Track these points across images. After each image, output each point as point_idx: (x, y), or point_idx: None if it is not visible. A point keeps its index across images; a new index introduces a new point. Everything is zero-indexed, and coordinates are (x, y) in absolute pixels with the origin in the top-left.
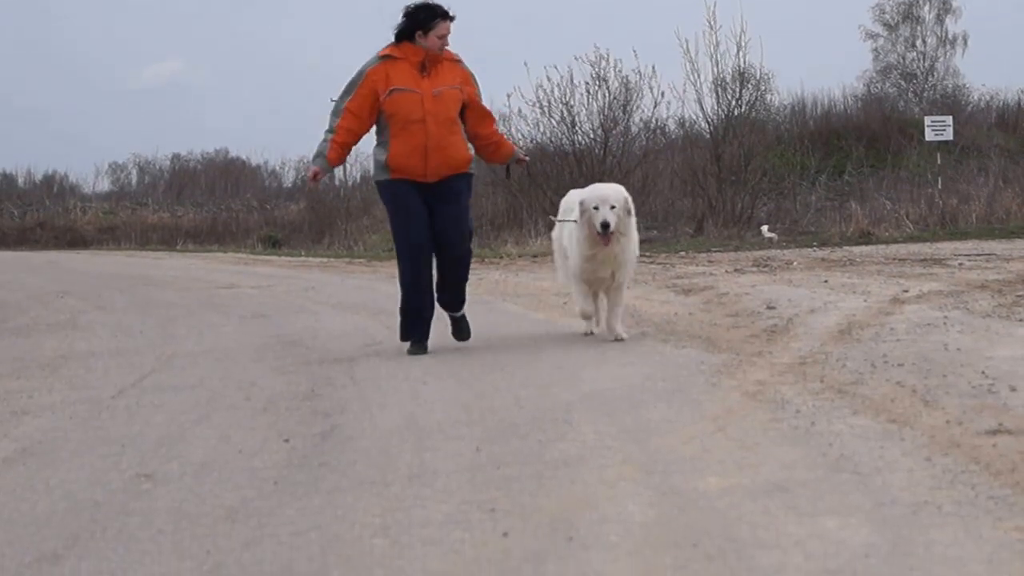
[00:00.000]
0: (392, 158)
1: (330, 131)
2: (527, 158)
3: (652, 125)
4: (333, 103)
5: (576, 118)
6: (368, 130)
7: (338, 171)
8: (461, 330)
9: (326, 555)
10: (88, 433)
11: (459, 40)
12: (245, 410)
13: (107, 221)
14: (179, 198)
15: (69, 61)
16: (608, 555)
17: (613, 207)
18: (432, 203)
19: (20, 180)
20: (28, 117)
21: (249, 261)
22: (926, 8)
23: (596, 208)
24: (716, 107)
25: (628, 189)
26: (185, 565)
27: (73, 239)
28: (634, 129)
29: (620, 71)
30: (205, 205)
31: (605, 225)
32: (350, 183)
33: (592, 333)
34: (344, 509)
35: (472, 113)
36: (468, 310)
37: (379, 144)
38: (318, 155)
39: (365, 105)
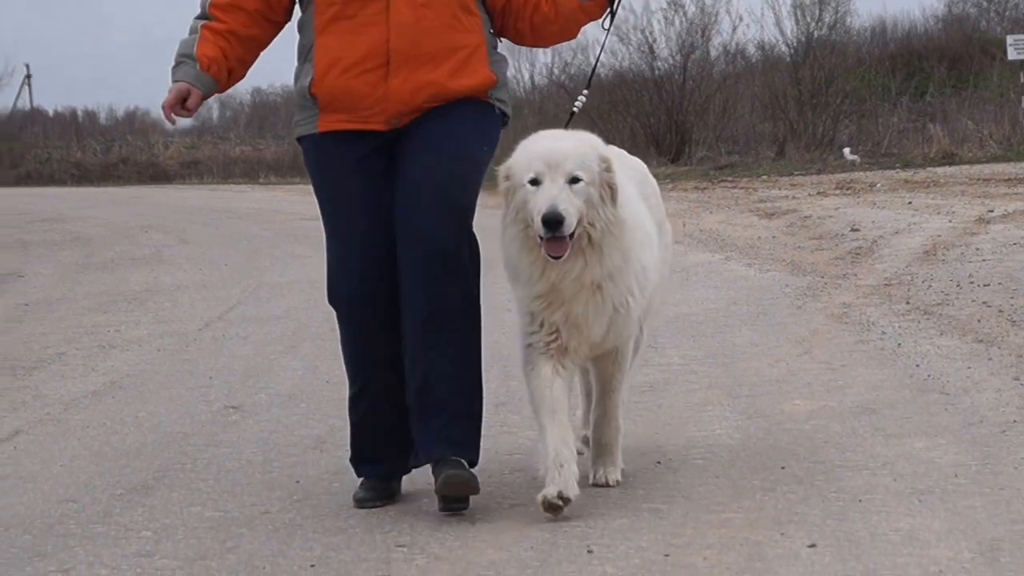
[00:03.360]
0: (319, 81)
1: (202, 14)
2: None
3: (731, 49)
4: None
5: (654, 45)
6: (281, 17)
7: None
8: (454, 482)
9: (414, 483)
10: (176, 366)
11: None
12: (331, 340)
13: (189, 156)
14: (260, 131)
15: None
16: (696, 478)
17: (576, 179)
18: (401, 164)
19: (102, 117)
20: (110, 54)
21: None
22: None
23: (534, 182)
24: (795, 30)
25: (708, 115)
26: (275, 495)
27: (156, 174)
28: (713, 54)
29: None
30: (286, 138)
31: (552, 220)
32: None
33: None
34: None
35: None
36: None
37: (299, 59)
38: (181, 60)
39: None
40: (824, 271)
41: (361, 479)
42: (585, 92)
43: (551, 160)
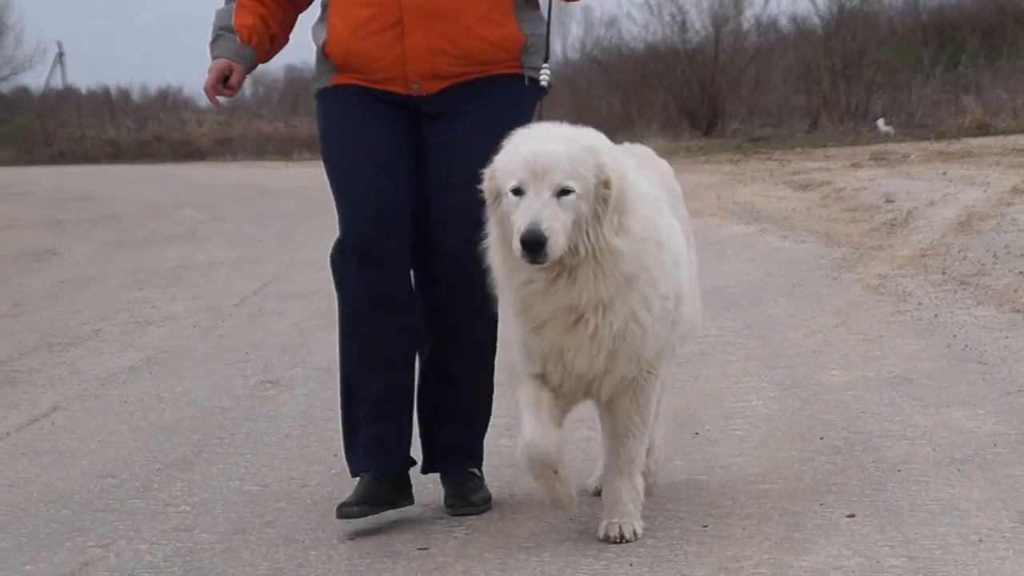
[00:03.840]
0: (331, 41)
1: None
2: None
3: (763, 21)
4: None
5: (686, 17)
6: None
7: None
8: (465, 493)
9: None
10: (212, 341)
11: None
12: None
13: (223, 133)
14: (294, 108)
15: None
16: (734, 449)
17: (565, 191)
18: (428, 137)
19: (135, 95)
20: (142, 32)
21: None
22: None
23: (517, 192)
24: (828, 1)
25: (741, 87)
26: (312, 469)
27: (189, 152)
28: (745, 26)
29: None
30: None
31: (532, 241)
32: None
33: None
34: None
35: None
36: None
37: (318, 20)
38: (219, 33)
39: None
40: (859, 242)
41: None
42: (546, 65)
43: (537, 167)
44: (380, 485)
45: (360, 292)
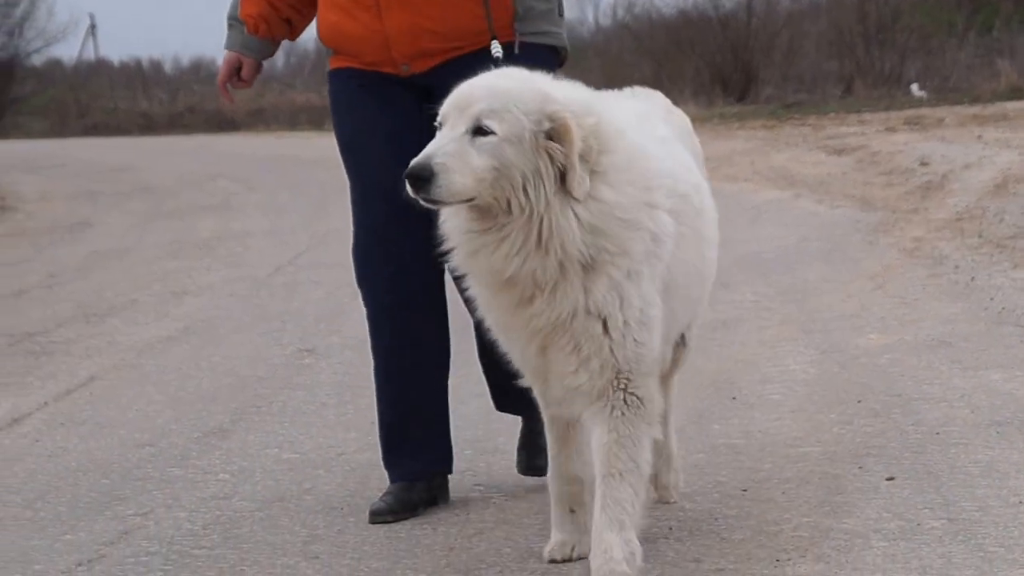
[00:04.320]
0: (321, 25)
1: None
2: None
3: None
4: None
5: None
6: None
7: None
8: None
9: (489, 422)
10: (248, 311)
11: None
12: None
13: (255, 103)
14: (326, 79)
15: None
16: (771, 413)
17: (482, 130)
18: (428, 115)
19: (167, 66)
20: (172, 4)
21: None
22: None
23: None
24: None
25: (775, 52)
26: (350, 436)
27: (222, 122)
28: None
29: None
30: None
31: (413, 175)
32: None
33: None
34: None
35: None
36: None
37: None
38: (230, 23)
39: None
40: (895, 206)
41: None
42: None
43: (459, 101)
44: (413, 490)
45: (385, 296)
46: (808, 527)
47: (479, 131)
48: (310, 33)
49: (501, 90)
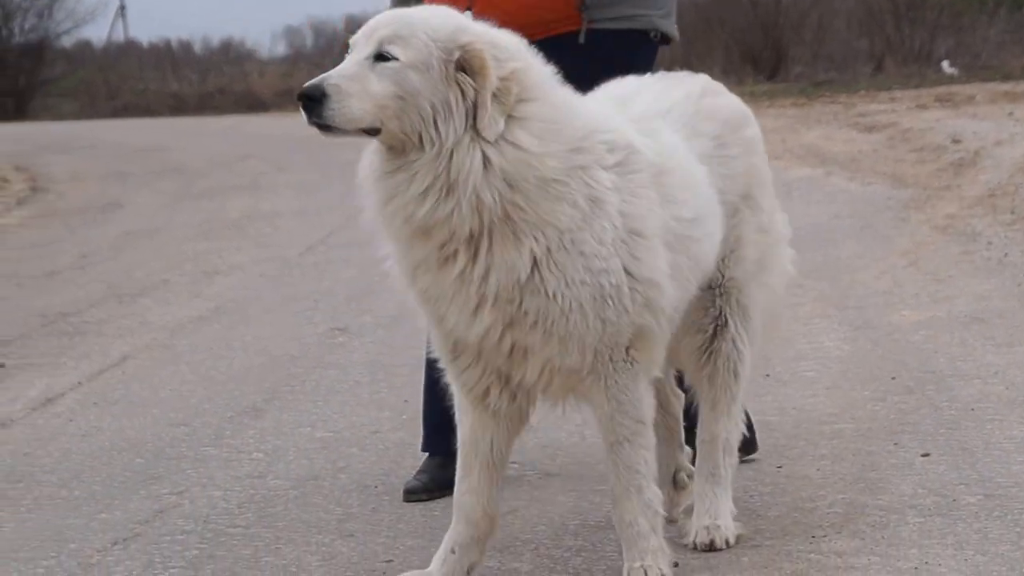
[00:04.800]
0: None
1: None
2: None
3: None
4: None
5: None
6: None
7: None
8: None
9: None
10: (279, 290)
11: None
12: None
13: (284, 84)
14: None
15: None
16: (806, 390)
17: (383, 56)
18: None
19: (196, 47)
20: None
21: None
22: None
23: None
24: None
25: (804, 31)
26: (384, 415)
27: (252, 103)
28: None
29: None
30: None
31: (306, 94)
32: None
33: None
34: None
35: None
36: None
37: None
38: None
39: None
40: (926, 183)
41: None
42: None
43: (367, 28)
44: (448, 467)
45: None
46: (843, 503)
47: (381, 57)
48: (339, 11)
49: (409, 17)
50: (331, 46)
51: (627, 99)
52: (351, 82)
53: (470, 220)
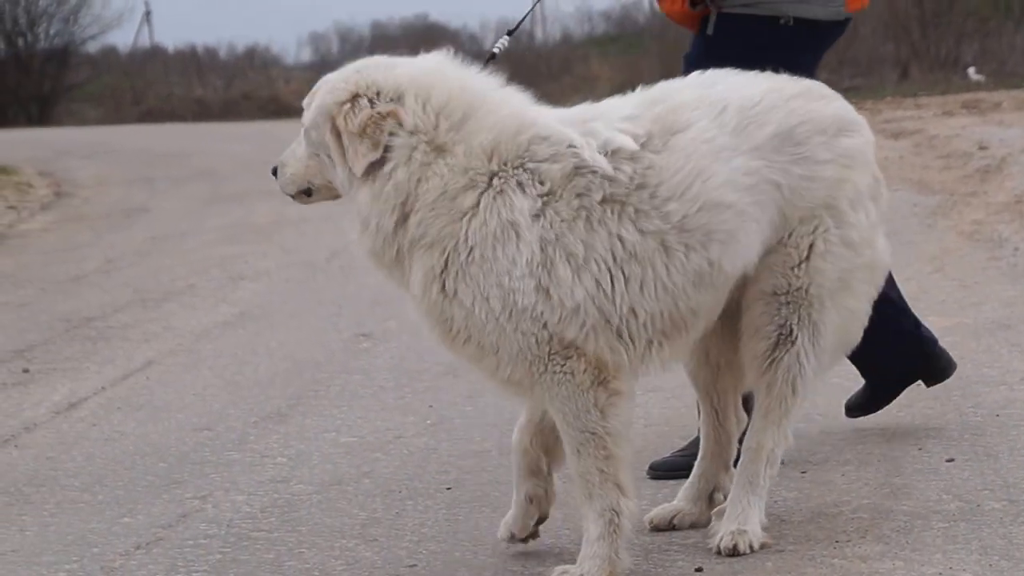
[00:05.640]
0: None
1: None
2: None
3: None
4: None
5: None
6: None
7: (537, 28)
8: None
9: None
10: (305, 295)
11: None
12: None
13: (310, 90)
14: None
15: None
16: (832, 396)
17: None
18: None
19: (222, 53)
20: None
21: None
22: None
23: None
24: None
25: None
26: (408, 420)
27: (277, 109)
28: None
29: None
30: None
31: (273, 172)
32: (550, 42)
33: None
34: None
35: None
36: None
37: None
38: None
39: None
40: (953, 189)
41: None
42: (507, 36)
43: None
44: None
45: None
46: (868, 508)
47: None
48: (365, 17)
49: (323, 81)
50: (356, 53)
51: (708, 84)
52: (289, 153)
53: (385, 246)
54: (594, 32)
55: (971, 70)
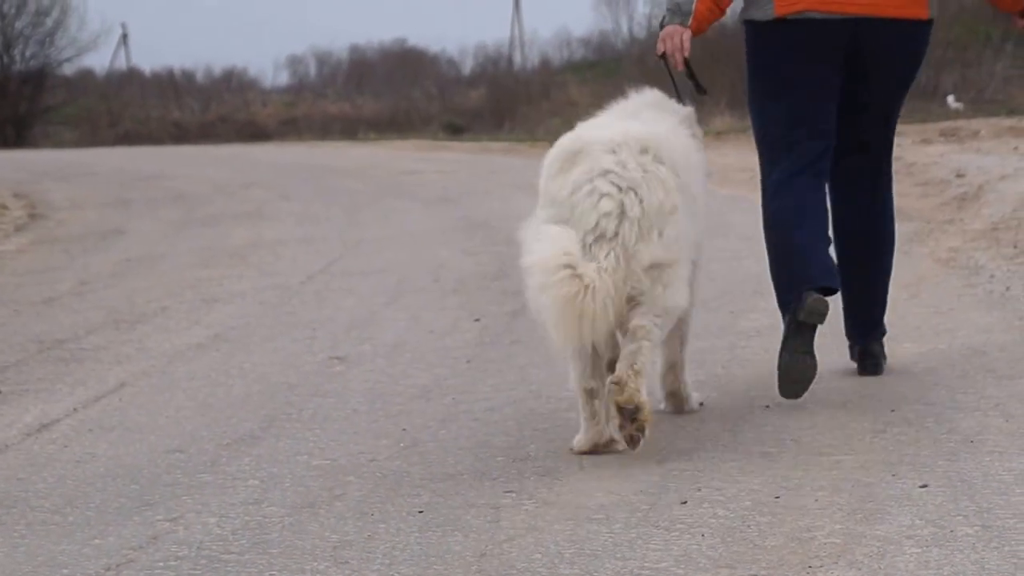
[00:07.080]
0: None
1: None
2: None
3: None
4: None
5: None
6: None
7: (516, 54)
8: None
9: (522, 429)
10: (279, 318)
11: None
12: (434, 292)
13: (287, 113)
14: (358, 88)
15: None
16: (805, 421)
17: None
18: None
19: (199, 76)
20: (204, 14)
21: (431, 148)
22: None
23: None
24: None
25: None
26: (381, 443)
27: (254, 132)
28: None
29: None
30: (384, 95)
31: None
32: (528, 67)
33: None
34: (538, 384)
35: None
36: None
37: None
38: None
39: None
40: (930, 216)
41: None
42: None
43: None
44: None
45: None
46: (841, 533)
47: None
48: (343, 41)
49: None
50: (334, 76)
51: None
52: None
53: None
54: (572, 58)
55: (950, 98)
